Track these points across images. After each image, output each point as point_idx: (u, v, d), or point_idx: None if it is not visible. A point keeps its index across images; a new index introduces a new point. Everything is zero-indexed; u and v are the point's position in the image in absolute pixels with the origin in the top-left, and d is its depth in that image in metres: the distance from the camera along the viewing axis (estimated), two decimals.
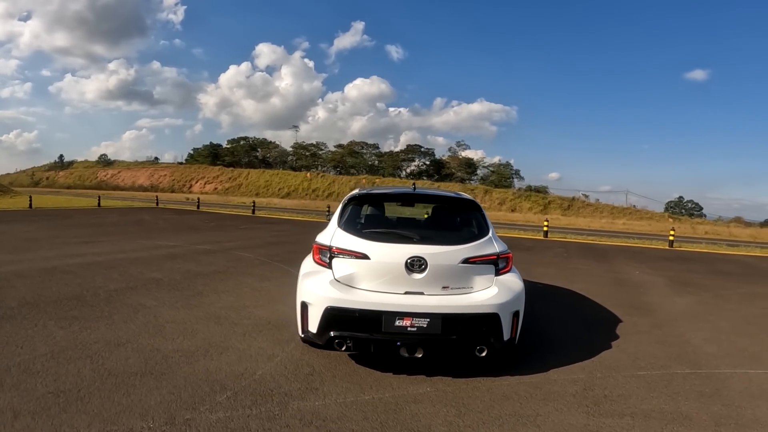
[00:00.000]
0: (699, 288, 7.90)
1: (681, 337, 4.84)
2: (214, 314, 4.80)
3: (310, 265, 3.69)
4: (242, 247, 10.38)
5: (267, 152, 74.58)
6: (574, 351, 4.20)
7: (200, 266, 7.60)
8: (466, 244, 3.61)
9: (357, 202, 4.07)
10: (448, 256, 3.46)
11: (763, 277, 9.88)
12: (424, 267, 3.38)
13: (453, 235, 3.97)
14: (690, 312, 6.06)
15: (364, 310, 3.25)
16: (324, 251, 3.62)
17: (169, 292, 5.67)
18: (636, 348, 4.39)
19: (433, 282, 3.40)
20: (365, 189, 4.38)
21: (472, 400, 3.07)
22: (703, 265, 11.28)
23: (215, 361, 3.52)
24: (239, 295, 5.74)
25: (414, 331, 3.23)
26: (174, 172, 68.98)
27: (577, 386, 3.42)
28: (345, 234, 3.63)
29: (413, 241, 3.56)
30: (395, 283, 3.40)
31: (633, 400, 3.25)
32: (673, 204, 68.13)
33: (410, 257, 3.39)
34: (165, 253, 8.91)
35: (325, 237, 3.72)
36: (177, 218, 18.88)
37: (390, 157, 69.95)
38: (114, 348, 3.68)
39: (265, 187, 58.96)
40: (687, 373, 3.84)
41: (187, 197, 43.51)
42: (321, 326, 3.32)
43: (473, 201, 4.18)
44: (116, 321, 4.41)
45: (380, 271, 3.42)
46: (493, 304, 3.35)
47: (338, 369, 3.49)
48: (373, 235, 3.62)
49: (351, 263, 3.48)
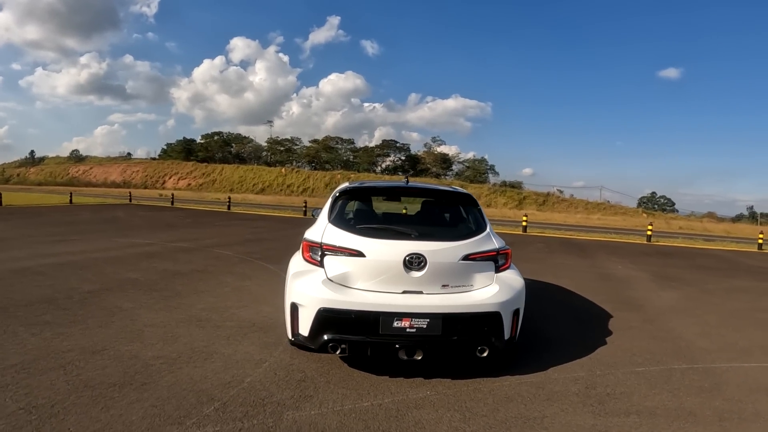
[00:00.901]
0: (683, 282, 8.05)
1: (673, 332, 4.87)
2: (195, 316, 4.57)
3: (300, 264, 3.49)
4: (220, 244, 10.12)
5: (241, 147, 73.91)
6: (570, 348, 4.15)
7: (178, 265, 7.32)
8: (466, 240, 3.49)
9: (348, 196, 3.90)
10: (448, 252, 3.33)
11: (742, 271, 10.16)
12: (423, 265, 3.24)
13: (451, 230, 3.87)
14: (677, 307, 6.13)
15: (360, 312, 3.09)
16: (315, 248, 3.43)
17: (146, 293, 5.40)
18: (631, 344, 4.38)
19: (433, 280, 3.27)
20: (356, 182, 4.20)
21: (475, 403, 2.96)
22: (683, 260, 11.55)
23: (200, 368, 3.31)
24: (220, 295, 5.51)
25: (413, 332, 3.09)
26: (147, 168, 68.05)
27: (579, 385, 3.36)
28: (337, 230, 3.46)
29: (411, 237, 3.41)
30: (393, 282, 3.25)
31: (636, 398, 3.21)
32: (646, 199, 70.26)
33: (409, 254, 3.24)
34: (141, 251, 8.59)
35: (315, 233, 3.53)
36: (152, 215, 18.49)
37: (365, 153, 70.15)
38: (90, 356, 3.43)
39: (239, 183, 58.62)
40: (684, 368, 3.84)
41: (161, 193, 43.05)
42: (313, 329, 3.15)
43: (470, 195, 4.08)
44: (91, 326, 4.14)
45: (377, 270, 3.26)
46: (494, 303, 3.24)
47: (332, 374, 3.33)
48: (368, 231, 3.45)
49: (345, 261, 3.31)
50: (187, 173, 63.78)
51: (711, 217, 45.04)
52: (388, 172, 65.24)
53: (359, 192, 4.08)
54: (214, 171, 62.80)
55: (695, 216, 46.70)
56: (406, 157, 69.34)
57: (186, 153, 72.09)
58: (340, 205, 3.76)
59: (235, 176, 60.50)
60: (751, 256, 13.68)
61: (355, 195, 4.04)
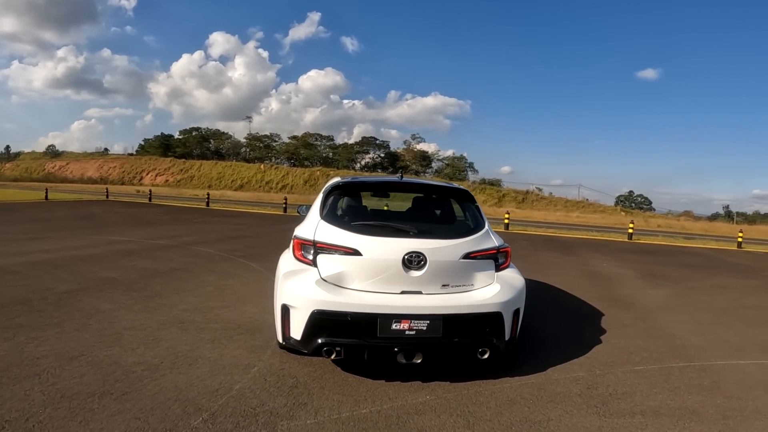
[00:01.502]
0: (669, 280, 8.16)
1: (666, 330, 4.89)
2: (177, 318, 4.37)
3: (291, 263, 3.32)
4: (200, 241, 9.87)
5: (220, 143, 73.28)
6: (567, 347, 4.12)
7: (157, 263, 7.07)
8: (466, 237, 3.38)
9: (340, 192, 3.75)
10: (449, 251, 3.22)
11: (726, 269, 10.38)
12: (423, 263, 3.12)
13: (450, 228, 3.77)
14: (667, 304, 6.18)
15: (357, 313, 2.96)
16: (306, 246, 3.28)
17: (125, 294, 5.17)
18: (626, 342, 4.37)
19: (433, 280, 3.16)
20: (348, 177, 4.07)
21: (477, 407, 2.87)
22: (667, 258, 11.76)
23: (184, 375, 3.13)
24: (202, 295, 5.31)
25: (413, 334, 2.98)
26: (124, 163, 66.92)
27: (580, 385, 3.31)
28: (330, 227, 3.30)
29: (410, 234, 3.28)
30: (391, 281, 3.12)
31: (638, 397, 3.18)
32: (623, 198, 71.73)
33: (408, 253, 3.11)
34: (119, 249, 8.30)
35: (306, 230, 3.37)
36: (129, 211, 18.08)
37: (345, 149, 70.25)
38: (66, 363, 3.21)
39: (218, 179, 58.10)
40: (682, 366, 3.84)
41: (138, 189, 42.28)
42: (307, 332, 3.00)
43: (467, 191, 3.98)
44: (68, 329, 3.91)
45: (374, 269, 3.12)
46: (496, 303, 3.15)
47: (325, 378, 3.19)
48: (365, 228, 3.31)
49: (339, 260, 3.16)
50: (164, 169, 62.90)
51: (688, 215, 46.31)
52: (368, 169, 65.69)
53: (352, 187, 3.93)
54: (192, 167, 62.06)
55: (672, 214, 47.94)
56: (385, 155, 69.66)
57: (164, 149, 71.16)
58: (332, 201, 3.59)
59: (213, 172, 59.93)
60: (732, 254, 14.03)
61: (348, 190, 3.89)
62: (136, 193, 35.81)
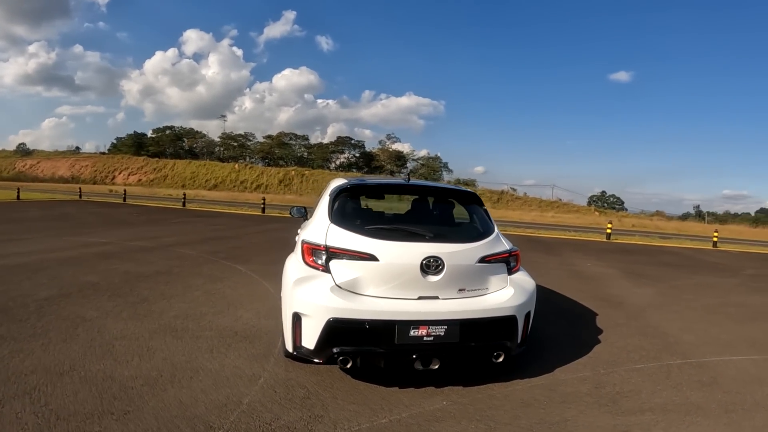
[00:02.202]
0: (652, 279, 8.45)
1: (658, 328, 5.06)
2: (169, 326, 4.24)
3: (301, 269, 3.25)
4: (181, 243, 9.67)
5: (193, 142, 72.71)
6: (567, 347, 4.21)
7: (140, 266, 6.87)
8: (480, 241, 3.40)
9: (348, 194, 3.70)
10: (465, 255, 3.23)
11: (704, 268, 10.84)
12: (440, 268, 3.11)
13: (462, 231, 3.79)
14: (655, 303, 6.40)
15: (375, 321, 2.94)
16: (318, 252, 3.22)
17: (110, 300, 4.98)
18: (623, 341, 4.50)
19: (449, 284, 3.16)
20: (354, 180, 4.02)
21: (494, 411, 2.91)
22: (647, 257, 12.18)
23: (187, 388, 3.02)
24: (192, 300, 5.17)
25: (430, 340, 2.98)
26: (96, 162, 65.77)
27: (587, 385, 3.39)
28: (342, 231, 3.25)
29: (426, 238, 3.28)
30: (408, 287, 3.10)
31: (645, 395, 3.29)
32: (596, 198, 73.96)
33: (426, 257, 3.09)
34: (97, 251, 8.04)
35: (315, 234, 3.31)
36: (104, 211, 17.75)
37: (319, 149, 70.70)
38: (57, 379, 3.05)
39: (191, 179, 57.71)
40: (680, 363, 3.99)
41: (111, 189, 41.56)
42: (321, 341, 2.96)
43: (475, 194, 4.02)
44: (53, 340, 3.73)
45: (391, 274, 3.09)
46: (511, 306, 3.19)
47: (336, 387, 3.15)
48: (380, 232, 3.26)
49: (355, 266, 3.11)
50: (137, 168, 62.19)
51: (661, 215, 48.12)
52: (343, 168, 66.19)
53: (360, 190, 3.90)
54: (165, 166, 61.52)
55: (645, 214, 49.72)
56: (360, 154, 70.45)
57: (136, 147, 70.49)
58: (340, 204, 3.55)
59: (187, 172, 59.47)
60: (708, 253, 14.65)
61: (356, 193, 3.86)
62: (109, 193, 35.20)
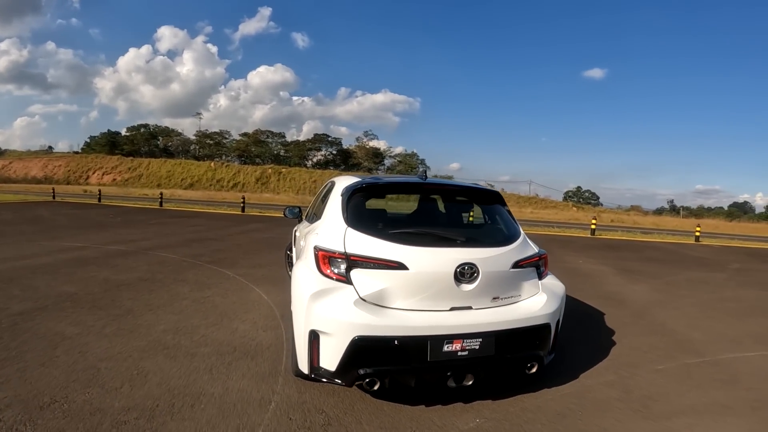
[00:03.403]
0: (646, 275, 8.63)
1: (665, 326, 5.14)
2: (159, 342, 3.94)
3: (317, 280, 2.98)
4: (161, 246, 9.32)
5: (168, 141, 72.13)
6: (584, 349, 4.21)
7: (120, 273, 6.53)
8: (511, 244, 3.27)
9: (363, 194, 3.45)
10: (499, 260, 3.09)
11: (692, 263, 11.13)
12: (475, 275, 2.95)
13: (492, 234, 3.60)
14: (654, 300, 6.52)
15: (405, 337, 2.75)
16: (336, 260, 2.97)
17: (91, 313, 4.65)
18: (636, 340, 4.54)
19: (484, 293, 3.01)
20: (368, 178, 3.74)
21: (531, 425, 2.84)
22: (634, 253, 12.45)
23: (190, 420, 2.74)
24: (181, 311, 4.87)
25: (465, 355, 2.84)
26: (69, 162, 64.11)
27: (616, 390, 3.38)
28: (363, 236, 3.01)
29: (457, 243, 3.11)
30: (440, 297, 2.93)
31: (673, 397, 3.30)
32: (572, 193, 75.79)
33: (461, 264, 2.92)
34: (73, 256, 7.66)
35: (330, 240, 3.06)
36: (79, 213, 17.17)
37: (296, 147, 70.97)
38: (37, 413, 2.72)
39: (167, 178, 56.95)
40: (697, 362, 4.04)
41: (85, 189, 40.70)
42: (345, 362, 2.75)
43: (498, 193, 3.85)
44: (31, 364, 3.39)
45: (422, 285, 2.90)
46: (545, 314, 3.10)
47: (358, 409, 2.98)
48: (407, 237, 3.04)
49: (381, 276, 2.89)
50: (112, 168, 61.11)
51: (637, 210, 49.60)
52: (320, 166, 66.75)
53: (376, 189, 3.66)
54: (140, 165, 60.56)
55: (621, 209, 51.11)
56: (337, 152, 70.97)
57: (110, 146, 69.59)
58: (355, 205, 3.30)
59: (162, 171, 58.66)
60: (691, 247, 15.12)
61: (372, 193, 3.60)
62: (83, 193, 34.38)
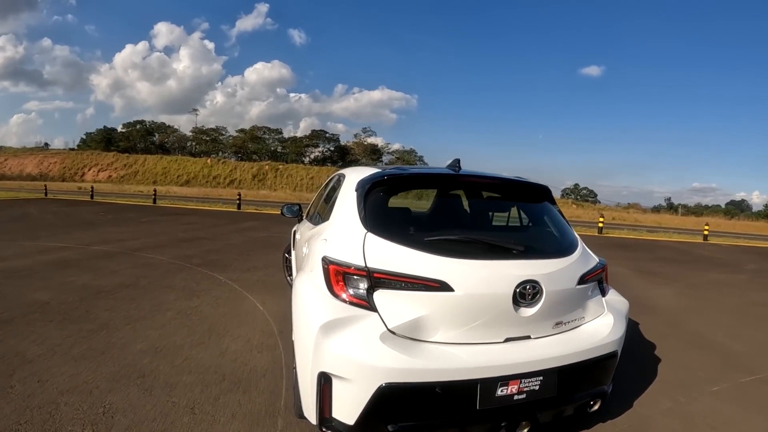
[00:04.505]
0: (666, 278, 8.34)
1: (704, 337, 4.84)
2: (133, 368, 3.31)
3: (328, 305, 2.23)
4: (149, 246, 8.83)
5: (165, 137, 72.01)
6: (631, 369, 3.78)
7: (100, 278, 6.03)
8: (573, 254, 2.66)
9: (384, 190, 2.68)
10: (564, 275, 2.48)
11: (707, 263, 10.88)
12: (538, 296, 2.34)
13: (548, 241, 2.92)
14: (684, 306, 6.22)
15: (450, 382, 2.11)
16: (353, 278, 2.23)
17: (60, 327, 4.09)
18: (680, 356, 4.22)
19: (545, 318, 2.40)
20: (391, 169, 2.94)
21: None
22: (646, 253, 12.18)
23: None
24: (163, 324, 4.29)
25: (522, 398, 2.24)
26: (65, 159, 63.97)
27: (676, 420, 3.04)
28: (390, 245, 2.29)
29: (514, 254, 2.45)
30: (493, 326, 2.29)
31: (739, 425, 3.00)
32: (570, 190, 75.80)
33: (521, 282, 2.29)
34: (53, 258, 7.18)
35: (344, 250, 2.34)
36: (68, 211, 16.80)
37: (293, 143, 70.96)
38: None
39: (163, 175, 56.98)
40: (751, 380, 3.75)
41: (80, 186, 40.06)
42: (368, 415, 2.08)
43: (548, 188, 3.11)
44: None
45: (473, 311, 2.24)
46: (614, 340, 2.55)
47: None
48: (448, 246, 2.35)
49: (417, 299, 2.20)
50: (107, 164, 60.98)
51: (636, 207, 49.48)
52: (317, 163, 66.75)
53: (400, 183, 2.80)
54: (136, 162, 60.59)
55: (620, 206, 51.00)
56: (335, 148, 71.11)
57: (106, 143, 69.69)
58: (375, 204, 2.58)
59: (158, 167, 58.66)
60: (701, 247, 14.92)
61: (396, 187, 2.77)
62: (78, 190, 33.75)
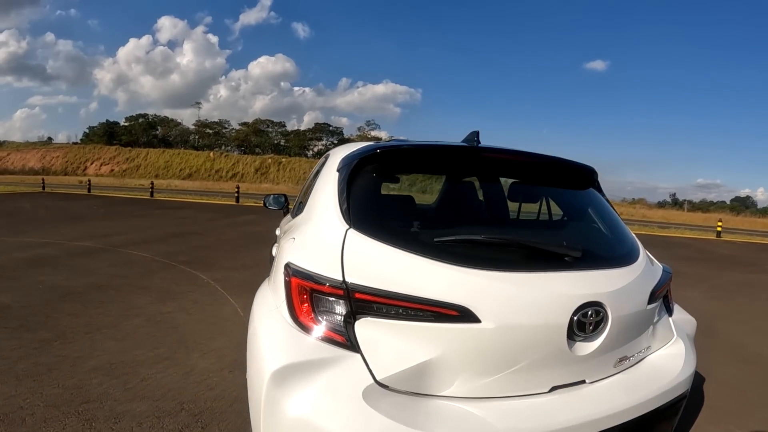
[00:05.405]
0: (690, 278, 7.82)
1: (747, 348, 4.30)
2: (79, 391, 2.72)
3: (287, 340, 1.47)
4: (135, 242, 8.28)
5: (167, 131, 71.93)
6: None
7: (73, 277, 5.50)
8: (636, 261, 1.86)
9: (375, 169, 1.85)
10: (632, 291, 1.69)
11: (725, 261, 10.41)
12: (601, 325, 1.56)
13: (604, 243, 2.09)
14: (716, 311, 5.68)
15: None
16: (326, 299, 1.47)
17: (12, 336, 3.54)
18: (727, 372, 3.67)
19: (606, 353, 1.62)
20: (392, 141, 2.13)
21: None
22: (662, 250, 11.63)
23: None
24: (127, 334, 3.73)
25: None
26: (68, 153, 63.67)
27: None
28: (382, 248, 1.50)
29: (567, 263, 1.62)
30: (537, 371, 1.50)
31: None
32: None
33: (582, 305, 1.51)
34: (31, 255, 6.66)
35: (314, 256, 1.57)
36: (62, 205, 16.34)
37: (296, 136, 70.89)
38: None
39: (165, 168, 56.61)
40: None
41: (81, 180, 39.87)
42: None
43: (594, 170, 2.23)
44: None
45: (509, 350, 1.45)
46: (687, 377, 1.77)
47: None
48: (469, 251, 1.56)
49: (422, 334, 1.41)
50: (110, 158, 60.58)
51: (642, 203, 48.93)
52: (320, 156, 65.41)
53: (397, 160, 1.95)
54: (138, 156, 60.10)
55: (626, 202, 50.49)
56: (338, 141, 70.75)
57: (109, 136, 69.36)
58: (363, 189, 1.77)
59: (160, 161, 58.25)
60: (717, 244, 14.39)
61: (391, 166, 1.99)
62: (78, 184, 33.51)
